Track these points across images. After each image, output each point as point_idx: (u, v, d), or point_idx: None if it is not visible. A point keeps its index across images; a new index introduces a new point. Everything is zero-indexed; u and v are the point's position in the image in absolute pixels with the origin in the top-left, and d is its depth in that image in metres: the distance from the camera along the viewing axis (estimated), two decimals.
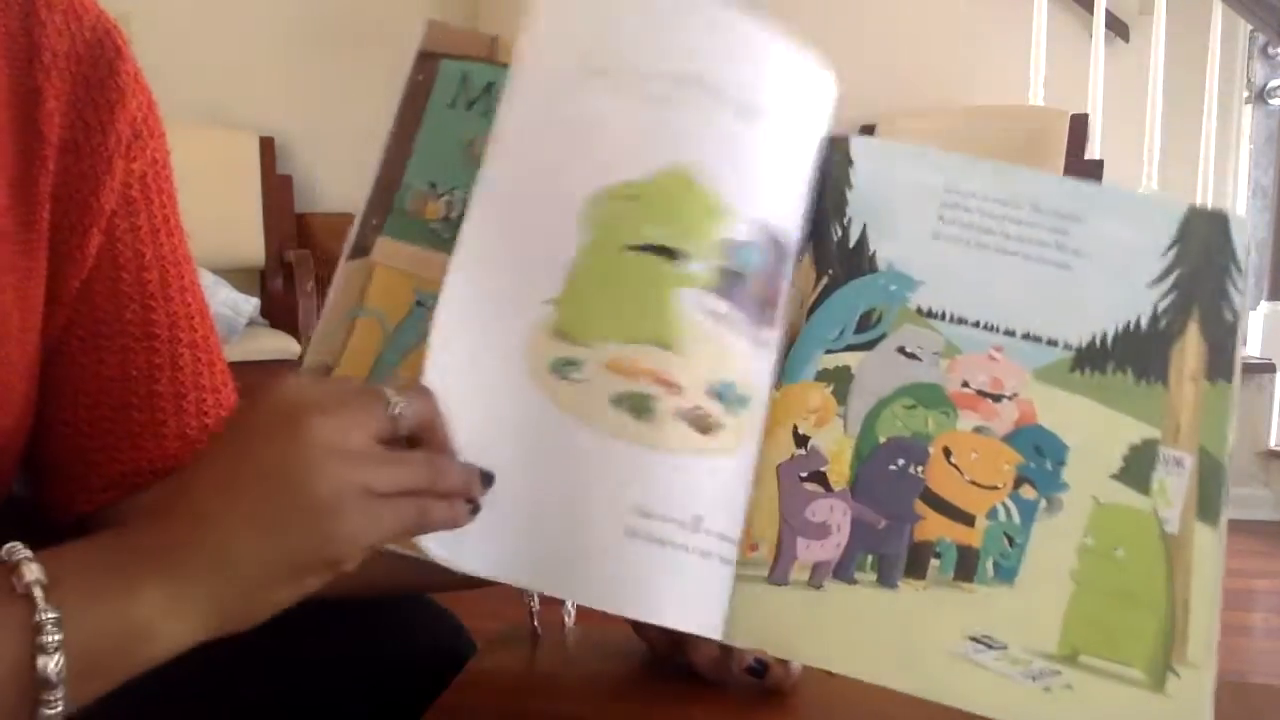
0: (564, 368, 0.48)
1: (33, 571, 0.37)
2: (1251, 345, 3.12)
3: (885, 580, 0.52)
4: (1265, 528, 2.81)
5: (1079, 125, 2.55)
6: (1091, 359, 0.54)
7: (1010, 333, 0.55)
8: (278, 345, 2.60)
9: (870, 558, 0.53)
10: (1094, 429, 0.54)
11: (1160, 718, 0.50)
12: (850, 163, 0.56)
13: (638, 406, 0.47)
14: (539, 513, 0.47)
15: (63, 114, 0.52)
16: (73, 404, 0.54)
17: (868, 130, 2.93)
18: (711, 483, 0.49)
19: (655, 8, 0.50)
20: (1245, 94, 4.01)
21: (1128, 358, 0.54)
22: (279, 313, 2.89)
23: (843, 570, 0.52)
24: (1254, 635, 2.16)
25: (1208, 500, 0.53)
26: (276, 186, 3.00)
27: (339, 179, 3.11)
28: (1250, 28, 3.65)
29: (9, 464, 0.53)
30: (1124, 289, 0.55)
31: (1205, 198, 3.05)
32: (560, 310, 0.48)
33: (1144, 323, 0.55)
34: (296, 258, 2.84)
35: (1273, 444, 2.91)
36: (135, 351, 0.55)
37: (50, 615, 0.36)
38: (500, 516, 0.46)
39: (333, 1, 3.11)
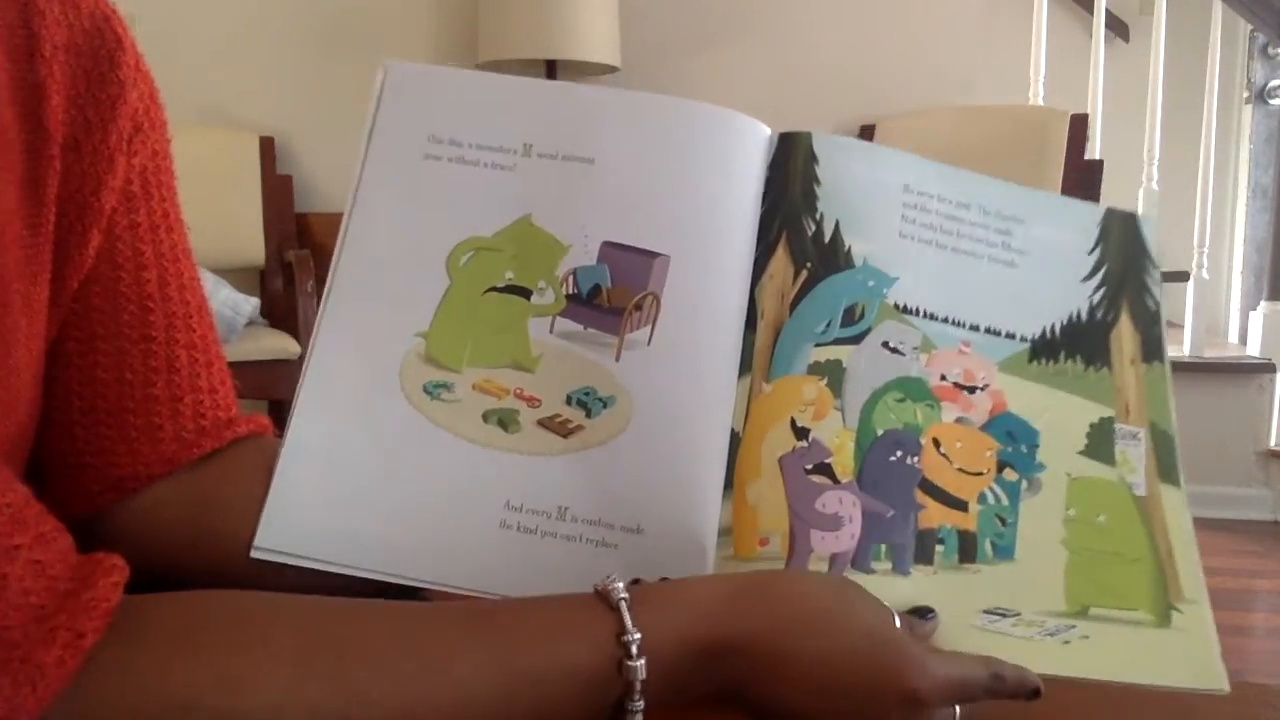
0: (435, 389, 0.56)
1: (618, 590, 0.43)
2: (1251, 345, 3.12)
3: (899, 568, 0.54)
4: (1265, 528, 2.81)
5: (1079, 125, 2.55)
6: (1045, 350, 0.59)
7: (975, 328, 0.58)
8: (278, 345, 2.60)
9: (884, 547, 0.54)
10: (1057, 413, 0.58)
11: (1173, 649, 0.53)
12: (815, 159, 0.58)
13: (505, 420, 0.55)
14: (420, 514, 0.54)
15: (65, 110, 0.49)
16: (67, 407, 0.52)
17: (868, 130, 2.93)
18: (574, 477, 0.55)
19: (490, 93, 0.60)
20: (1245, 94, 4.02)
21: (1075, 347, 0.59)
22: (279, 312, 2.89)
23: (860, 560, 0.54)
24: (1254, 635, 2.15)
25: (1165, 465, 0.58)
26: (276, 186, 2.99)
27: (339, 179, 3.11)
28: (1250, 28, 3.65)
29: (16, 469, 0.52)
30: (1062, 285, 0.60)
31: (1205, 198, 3.04)
32: (429, 341, 0.57)
33: (1083, 315, 0.60)
34: (296, 258, 2.83)
35: (1273, 444, 2.90)
36: (131, 355, 0.53)
37: (635, 635, 0.42)
38: (385, 521, 0.54)
39: (333, 2, 3.11)
